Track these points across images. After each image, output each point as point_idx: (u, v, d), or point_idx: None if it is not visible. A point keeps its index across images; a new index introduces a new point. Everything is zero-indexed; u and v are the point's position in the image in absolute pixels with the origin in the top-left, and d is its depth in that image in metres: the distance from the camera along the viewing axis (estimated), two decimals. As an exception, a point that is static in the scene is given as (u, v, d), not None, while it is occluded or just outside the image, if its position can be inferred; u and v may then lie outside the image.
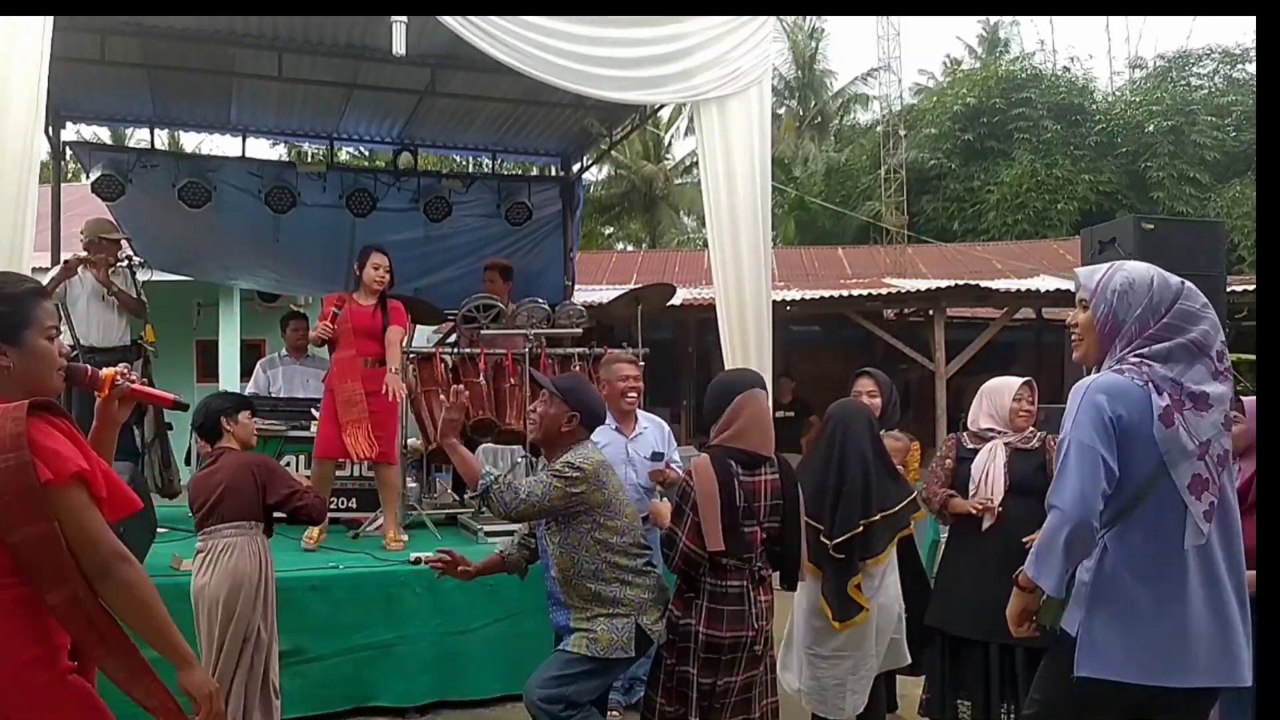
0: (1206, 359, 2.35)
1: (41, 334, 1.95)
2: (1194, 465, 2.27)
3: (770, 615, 3.26)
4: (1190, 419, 2.27)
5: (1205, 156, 19.31)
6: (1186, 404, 2.28)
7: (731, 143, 5.52)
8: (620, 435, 4.81)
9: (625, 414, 4.86)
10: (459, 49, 5.97)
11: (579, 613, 3.38)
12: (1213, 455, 2.29)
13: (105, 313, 5.96)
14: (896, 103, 21.31)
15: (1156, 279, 2.46)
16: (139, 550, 4.41)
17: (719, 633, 3.14)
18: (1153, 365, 2.31)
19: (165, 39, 6.45)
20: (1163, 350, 2.33)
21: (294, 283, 9.33)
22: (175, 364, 11.39)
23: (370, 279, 5.41)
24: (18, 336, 1.92)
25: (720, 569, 3.16)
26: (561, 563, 3.36)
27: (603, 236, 25.44)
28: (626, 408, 4.83)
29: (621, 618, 3.33)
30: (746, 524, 3.16)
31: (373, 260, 5.44)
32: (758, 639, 3.19)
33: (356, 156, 15.05)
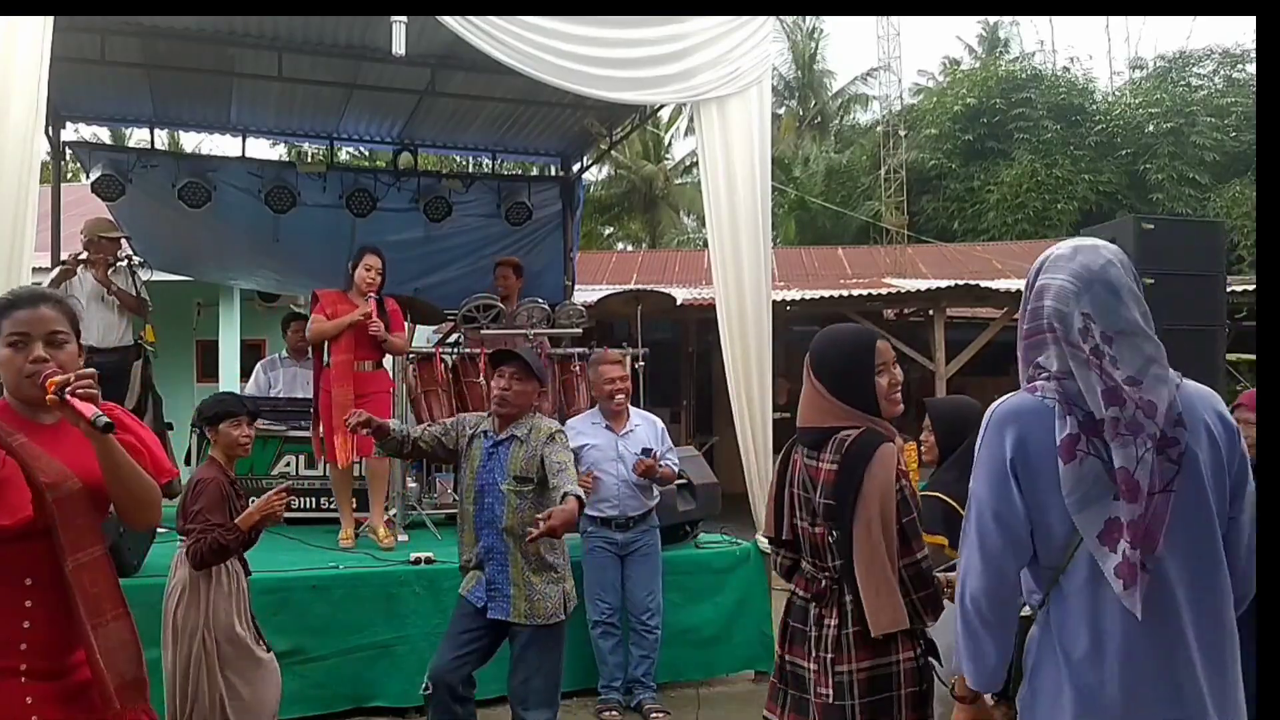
0: (1079, 353, 1.76)
1: (5, 340, 2.02)
2: (1109, 508, 1.69)
3: (848, 656, 2.34)
4: (1098, 445, 1.71)
5: (1205, 157, 19.31)
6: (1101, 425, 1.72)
7: (731, 143, 5.52)
8: (610, 432, 4.92)
9: (615, 412, 4.95)
10: (459, 49, 5.97)
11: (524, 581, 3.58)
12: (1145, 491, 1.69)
13: (105, 313, 5.96)
14: (896, 103, 21.30)
15: (1054, 249, 1.87)
16: (139, 550, 4.41)
17: (781, 650, 2.58)
18: (1052, 376, 1.79)
19: (165, 39, 6.45)
20: (1039, 345, 1.82)
21: (294, 283, 9.31)
22: (175, 364, 11.39)
23: (361, 279, 5.38)
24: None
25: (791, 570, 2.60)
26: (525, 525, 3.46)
27: (603, 236, 25.43)
28: (616, 409, 4.94)
29: (557, 583, 3.64)
30: (802, 517, 2.50)
31: (365, 261, 5.41)
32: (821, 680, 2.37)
33: (356, 156, 15.05)
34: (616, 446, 4.87)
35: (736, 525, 5.90)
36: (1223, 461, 1.75)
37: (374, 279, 5.38)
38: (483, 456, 3.68)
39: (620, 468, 4.84)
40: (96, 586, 2.01)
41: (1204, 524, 1.73)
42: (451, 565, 4.76)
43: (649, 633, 4.80)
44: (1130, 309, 1.76)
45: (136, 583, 4.25)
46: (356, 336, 5.33)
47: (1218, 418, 1.77)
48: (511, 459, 3.62)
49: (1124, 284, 1.77)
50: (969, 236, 20.78)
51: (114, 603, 2.04)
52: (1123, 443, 1.69)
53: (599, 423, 4.96)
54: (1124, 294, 1.76)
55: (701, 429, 12.33)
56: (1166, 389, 1.72)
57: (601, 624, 4.79)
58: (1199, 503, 1.72)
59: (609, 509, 4.82)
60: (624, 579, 4.86)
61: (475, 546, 3.69)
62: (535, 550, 3.54)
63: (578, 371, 6.37)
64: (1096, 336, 1.74)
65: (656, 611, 4.84)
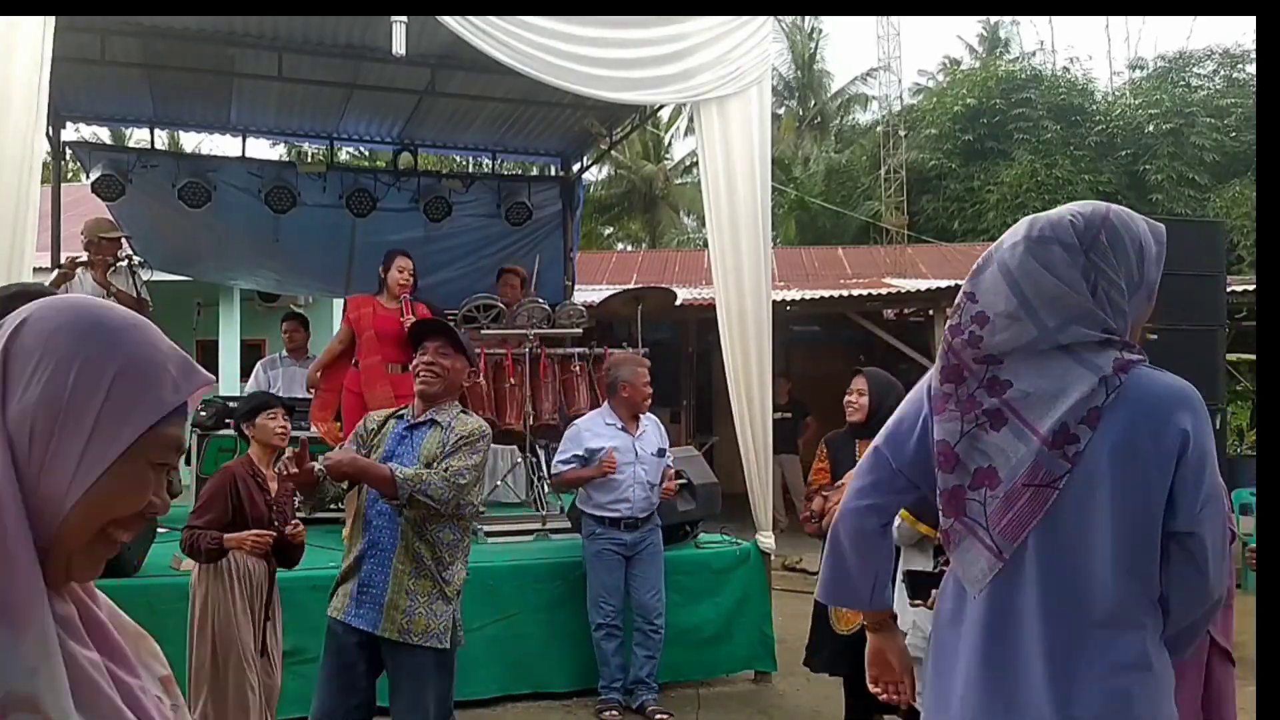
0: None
1: None
2: (948, 477, 1.66)
3: None
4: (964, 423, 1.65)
5: (1205, 158, 19.31)
6: (978, 410, 1.64)
7: (731, 143, 5.52)
8: (627, 434, 4.89)
9: (633, 414, 4.93)
10: (459, 49, 5.97)
11: (403, 589, 3.01)
12: (1018, 481, 1.60)
13: (105, 313, 5.96)
14: (896, 103, 21.30)
15: None
16: (139, 550, 4.41)
17: None
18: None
19: (165, 39, 6.45)
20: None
21: (294, 283, 9.33)
22: (175, 364, 11.38)
23: (395, 281, 5.47)
24: None
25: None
26: (425, 530, 3.05)
27: (603, 236, 25.43)
28: (645, 409, 4.94)
29: (447, 603, 3.06)
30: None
31: (398, 264, 5.51)
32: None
33: (356, 156, 15.05)
34: (634, 447, 4.87)
35: (736, 525, 5.90)
36: (1148, 471, 1.56)
37: (408, 280, 5.50)
38: (392, 440, 3.18)
39: (639, 469, 4.83)
40: None
41: (1090, 532, 1.57)
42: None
43: (655, 633, 4.79)
44: (1027, 291, 1.61)
45: (137, 583, 4.26)
46: (382, 339, 5.35)
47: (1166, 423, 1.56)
48: (426, 443, 3.12)
49: (1025, 263, 1.62)
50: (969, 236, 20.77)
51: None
52: (947, 417, 1.65)
53: (614, 423, 4.92)
54: (1020, 273, 1.62)
55: (701, 429, 12.33)
56: (1070, 383, 1.58)
57: (605, 626, 4.77)
58: (1090, 507, 1.57)
59: (624, 509, 4.79)
60: (629, 580, 4.84)
61: (360, 542, 3.12)
62: (430, 552, 3.03)
63: (577, 371, 6.37)
64: (963, 315, 1.67)
65: (662, 611, 4.84)
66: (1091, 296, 1.60)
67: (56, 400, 0.83)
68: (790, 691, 5.22)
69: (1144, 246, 1.64)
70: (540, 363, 6.14)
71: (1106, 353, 1.59)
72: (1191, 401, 1.59)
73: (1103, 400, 1.57)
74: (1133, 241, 1.64)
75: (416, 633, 3.00)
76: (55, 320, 0.86)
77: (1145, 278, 1.65)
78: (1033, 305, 1.61)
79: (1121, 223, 1.64)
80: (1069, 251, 1.61)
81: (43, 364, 0.84)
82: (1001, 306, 1.63)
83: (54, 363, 0.84)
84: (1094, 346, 1.60)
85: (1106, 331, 1.60)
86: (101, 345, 0.86)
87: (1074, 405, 1.57)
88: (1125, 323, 1.63)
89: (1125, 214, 1.67)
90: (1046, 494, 1.58)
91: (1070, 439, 1.57)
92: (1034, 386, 1.60)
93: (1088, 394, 1.57)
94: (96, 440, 0.84)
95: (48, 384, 0.84)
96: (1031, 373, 1.60)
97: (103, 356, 0.85)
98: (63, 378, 0.84)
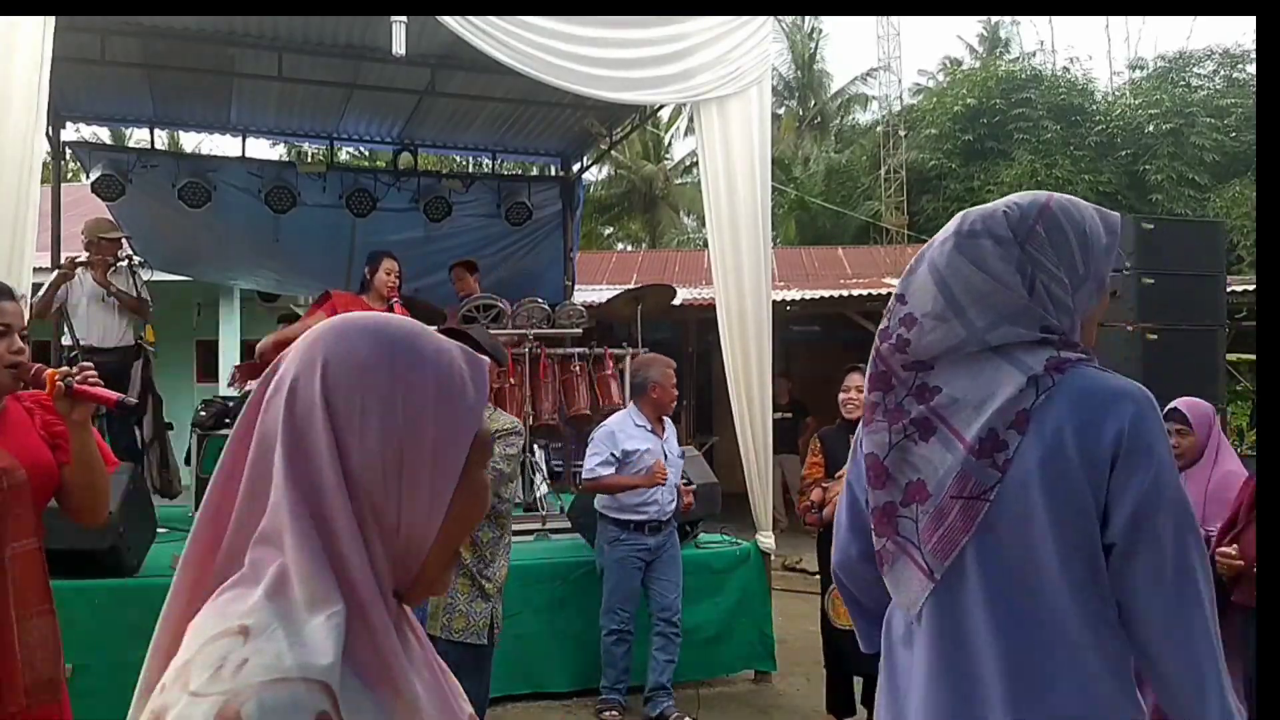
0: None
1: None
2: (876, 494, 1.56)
3: None
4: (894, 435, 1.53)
5: (1205, 158, 19.31)
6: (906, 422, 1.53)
7: (731, 143, 5.52)
8: (656, 436, 4.79)
9: (660, 416, 4.85)
10: (459, 49, 5.96)
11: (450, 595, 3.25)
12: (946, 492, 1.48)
13: (105, 314, 5.96)
14: (896, 103, 21.30)
15: None
16: (139, 551, 4.41)
17: None
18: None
19: (165, 39, 6.45)
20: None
21: (294, 283, 9.32)
22: (175, 364, 11.40)
23: (383, 284, 5.48)
24: None
25: None
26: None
27: (603, 236, 25.43)
28: (671, 411, 4.88)
29: (486, 602, 3.29)
30: None
31: (385, 265, 5.51)
32: None
33: (356, 156, 15.05)
34: (664, 449, 4.79)
35: (736, 525, 5.90)
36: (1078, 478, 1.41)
37: (394, 282, 5.50)
38: None
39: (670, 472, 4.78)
40: (28, 579, 2.01)
41: (1032, 544, 1.43)
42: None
43: (675, 635, 4.73)
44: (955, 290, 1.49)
45: (137, 583, 4.26)
46: None
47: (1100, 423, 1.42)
48: None
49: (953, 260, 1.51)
50: (969, 237, 20.76)
51: (41, 598, 2.05)
52: (875, 428, 1.54)
53: (644, 425, 4.79)
54: (948, 270, 1.50)
55: (701, 429, 12.33)
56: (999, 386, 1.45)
57: (619, 631, 4.72)
58: (1028, 518, 1.43)
59: (653, 510, 4.70)
60: (649, 582, 4.77)
61: None
62: (469, 553, 3.28)
63: (577, 371, 6.37)
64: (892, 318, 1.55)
65: (680, 610, 4.80)
66: (1029, 293, 1.47)
67: (394, 438, 0.82)
68: (790, 691, 5.22)
69: (1090, 236, 1.50)
70: (540, 363, 6.14)
71: (1041, 352, 1.45)
72: (1130, 400, 1.43)
73: (1032, 402, 1.43)
74: (1076, 231, 1.50)
75: (457, 629, 3.25)
76: (357, 355, 0.84)
77: (1092, 270, 1.50)
78: (961, 304, 1.48)
79: (1063, 211, 1.51)
80: (1001, 245, 1.48)
81: (368, 407, 0.82)
82: (929, 307, 1.50)
83: (378, 402, 0.83)
84: (1028, 346, 1.46)
85: (1045, 330, 1.47)
86: (412, 369, 0.85)
87: (1001, 408, 1.44)
88: (1072, 319, 1.50)
89: (1069, 203, 1.53)
90: (977, 506, 1.44)
91: (999, 445, 1.43)
92: (963, 392, 1.47)
93: (1015, 396, 1.43)
94: (440, 465, 0.84)
95: (382, 425, 0.82)
96: (961, 377, 1.48)
97: (419, 381, 0.84)
98: (393, 416, 0.83)
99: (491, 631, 3.32)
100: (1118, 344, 5.75)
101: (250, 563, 0.81)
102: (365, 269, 5.61)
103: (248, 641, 0.75)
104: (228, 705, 0.70)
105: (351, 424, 0.82)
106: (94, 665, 4.15)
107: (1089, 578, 1.43)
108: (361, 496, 0.81)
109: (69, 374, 2.00)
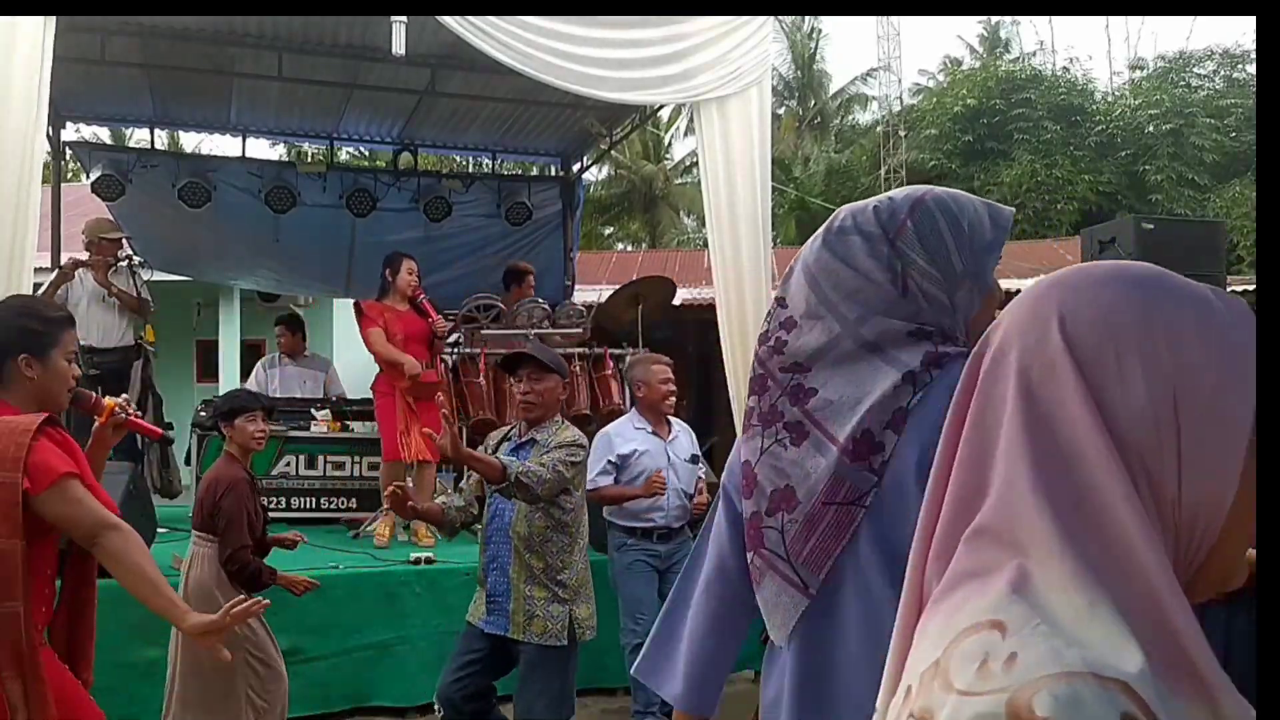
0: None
1: (64, 355, 2.29)
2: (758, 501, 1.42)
3: None
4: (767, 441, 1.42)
5: (1205, 158, 19.32)
6: (778, 425, 1.42)
7: (731, 143, 5.52)
8: (658, 438, 4.61)
9: (660, 416, 4.67)
10: (459, 49, 5.97)
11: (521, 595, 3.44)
12: (818, 499, 1.35)
13: (106, 314, 5.97)
14: (896, 103, 21.32)
15: None
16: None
17: None
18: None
19: (165, 39, 6.45)
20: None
21: (294, 283, 9.33)
22: (175, 364, 11.40)
23: (405, 284, 5.54)
24: (46, 353, 2.25)
25: None
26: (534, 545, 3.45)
27: (603, 236, 25.43)
28: (667, 410, 4.67)
29: (563, 604, 3.46)
30: None
31: (406, 265, 5.59)
32: None
33: (356, 156, 15.04)
34: (667, 453, 4.56)
35: (736, 525, 5.89)
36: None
37: (416, 281, 5.57)
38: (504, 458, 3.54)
39: (671, 476, 4.51)
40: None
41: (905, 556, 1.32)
42: (452, 566, 4.78)
43: None
44: (825, 287, 1.40)
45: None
46: (411, 341, 5.49)
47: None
48: (530, 460, 3.48)
49: (821, 258, 1.42)
50: (969, 237, 20.77)
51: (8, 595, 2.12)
52: (751, 434, 1.43)
53: (643, 427, 4.59)
54: (818, 269, 1.42)
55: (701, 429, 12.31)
56: (873, 384, 1.34)
57: (639, 646, 4.52)
58: (905, 523, 1.26)
59: (658, 518, 4.50)
60: (662, 595, 4.54)
61: (483, 556, 3.60)
62: (540, 563, 3.42)
63: (577, 371, 6.37)
64: (772, 321, 1.45)
65: None
66: (902, 292, 1.37)
67: (1165, 384, 0.68)
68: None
69: (969, 232, 1.38)
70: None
71: (918, 347, 1.35)
72: None
73: (909, 400, 1.32)
74: (951, 227, 1.37)
75: (536, 633, 3.42)
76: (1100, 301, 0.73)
77: (972, 267, 1.38)
78: (832, 300, 1.39)
79: (939, 206, 1.39)
80: (870, 241, 1.39)
81: (1123, 351, 0.70)
82: (803, 307, 1.42)
83: (1135, 345, 0.70)
84: (905, 341, 1.35)
85: (922, 323, 1.36)
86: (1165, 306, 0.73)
87: (875, 407, 1.33)
88: (954, 319, 1.38)
89: (948, 197, 1.42)
90: (852, 513, 1.32)
91: (875, 448, 1.32)
92: (838, 394, 1.36)
93: (891, 394, 1.33)
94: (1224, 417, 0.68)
95: (1145, 371, 0.69)
96: (837, 378, 1.37)
97: (1179, 319, 0.72)
98: (1156, 360, 0.69)
99: (572, 631, 3.47)
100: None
101: (969, 555, 0.70)
102: (384, 271, 5.63)
103: (1007, 637, 0.64)
104: (1015, 699, 0.61)
105: (1108, 374, 0.69)
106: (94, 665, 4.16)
107: None
108: (1133, 462, 0.67)
109: (124, 406, 2.38)
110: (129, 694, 3.78)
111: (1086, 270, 0.76)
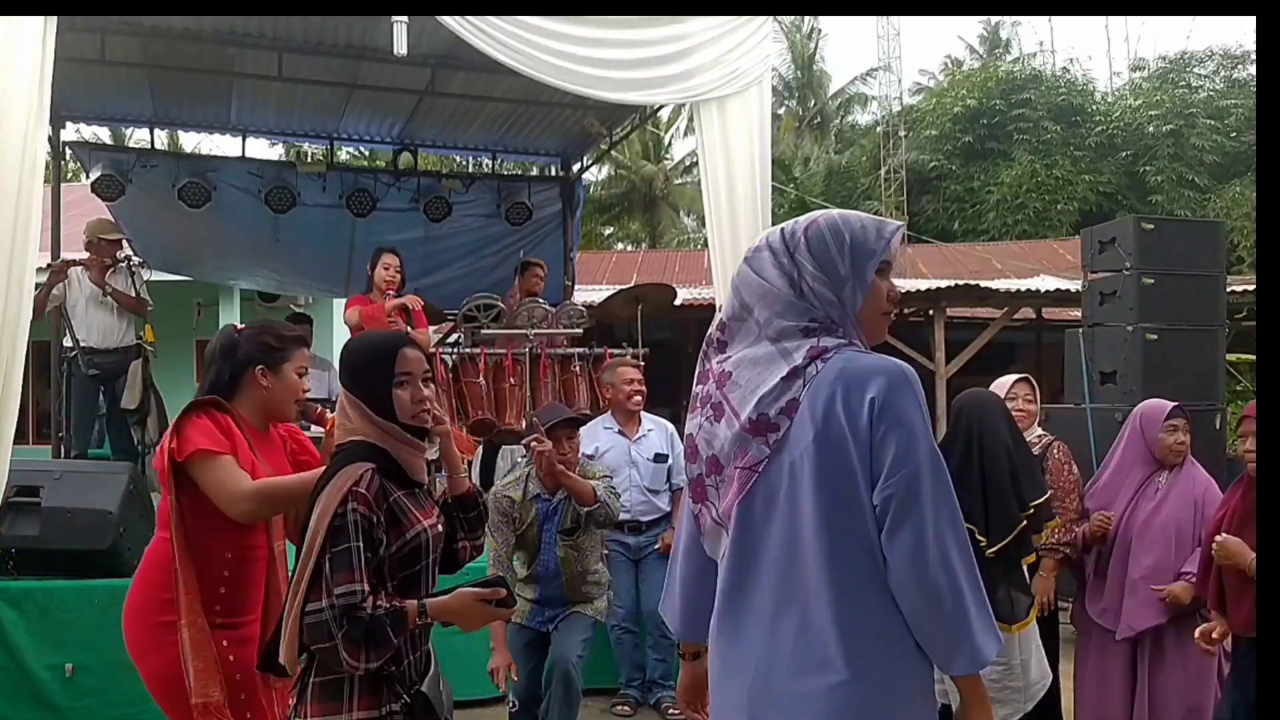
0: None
1: (295, 370, 2.61)
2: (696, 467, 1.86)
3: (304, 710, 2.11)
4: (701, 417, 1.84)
5: (1205, 159, 19.33)
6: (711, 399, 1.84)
7: (731, 143, 5.52)
8: (623, 438, 4.89)
9: (630, 416, 4.93)
10: (459, 49, 5.96)
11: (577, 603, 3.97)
12: (735, 464, 1.76)
13: (104, 315, 5.97)
14: (896, 103, 21.33)
15: None
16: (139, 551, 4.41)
17: None
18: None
19: (165, 39, 6.45)
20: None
21: (294, 283, 9.32)
22: (175, 364, 11.39)
23: (380, 279, 5.50)
24: (279, 368, 2.58)
25: None
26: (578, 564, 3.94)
27: (603, 236, 25.45)
28: (633, 409, 4.92)
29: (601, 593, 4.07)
30: None
31: (382, 260, 5.55)
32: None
33: (356, 156, 15.05)
34: (629, 451, 4.85)
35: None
36: (845, 450, 1.64)
37: (393, 277, 5.53)
38: (539, 519, 3.91)
39: (634, 473, 4.83)
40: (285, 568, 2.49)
41: (798, 514, 1.68)
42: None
43: (664, 637, 4.75)
44: (744, 294, 1.82)
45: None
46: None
47: (858, 399, 1.64)
48: (562, 517, 3.91)
49: (742, 271, 1.86)
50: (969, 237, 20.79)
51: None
52: (694, 413, 1.85)
53: (611, 427, 4.93)
54: (739, 280, 1.85)
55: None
56: (770, 373, 1.71)
57: (618, 627, 4.80)
58: (792, 490, 1.69)
59: (622, 514, 4.70)
60: (639, 585, 4.84)
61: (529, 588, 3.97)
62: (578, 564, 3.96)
63: (577, 372, 6.36)
64: (714, 324, 1.88)
65: None
66: (799, 294, 1.76)
67: None
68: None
69: (854, 242, 1.77)
70: (540, 363, 6.14)
71: (805, 343, 1.72)
72: (882, 374, 1.66)
73: (799, 391, 1.69)
74: (836, 240, 1.76)
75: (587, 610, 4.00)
76: None
77: (855, 270, 1.75)
78: (749, 304, 1.80)
79: (829, 224, 1.78)
80: (775, 254, 1.81)
81: None
82: (730, 312, 1.84)
83: None
84: (797, 337, 1.74)
85: (812, 320, 1.74)
86: None
87: (769, 395, 1.71)
88: (844, 310, 1.76)
89: (837, 216, 1.80)
90: (748, 476, 1.73)
91: (771, 427, 1.71)
92: (745, 379, 1.75)
93: (783, 385, 1.70)
94: None
95: None
96: (746, 367, 1.76)
97: None
98: None
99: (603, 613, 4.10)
100: (1118, 344, 5.75)
101: None
102: (366, 266, 5.66)
103: None
104: None
105: None
106: (94, 665, 4.16)
107: (857, 543, 1.64)
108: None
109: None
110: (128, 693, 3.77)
111: None
